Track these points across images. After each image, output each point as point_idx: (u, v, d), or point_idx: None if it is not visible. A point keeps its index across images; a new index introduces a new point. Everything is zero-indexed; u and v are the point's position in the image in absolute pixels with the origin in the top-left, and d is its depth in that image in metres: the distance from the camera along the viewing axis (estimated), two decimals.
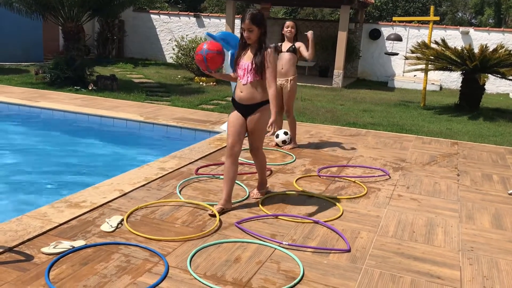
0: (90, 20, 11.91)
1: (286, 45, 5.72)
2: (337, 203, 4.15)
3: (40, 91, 9.34)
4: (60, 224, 3.40)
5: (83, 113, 7.50)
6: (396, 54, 13.88)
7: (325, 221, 3.72)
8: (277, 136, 5.95)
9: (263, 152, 4.09)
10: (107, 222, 3.45)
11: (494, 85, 14.45)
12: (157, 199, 4.00)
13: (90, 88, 9.96)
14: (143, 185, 4.30)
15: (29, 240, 3.14)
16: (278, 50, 5.63)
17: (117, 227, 3.41)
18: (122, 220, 3.52)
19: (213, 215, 3.69)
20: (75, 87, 9.93)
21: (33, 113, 7.71)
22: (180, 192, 4.18)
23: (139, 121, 7.16)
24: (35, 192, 4.73)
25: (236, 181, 4.53)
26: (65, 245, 3.06)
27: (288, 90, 5.78)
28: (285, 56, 5.70)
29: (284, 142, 5.99)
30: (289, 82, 5.76)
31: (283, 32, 5.73)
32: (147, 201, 3.93)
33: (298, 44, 5.72)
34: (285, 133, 5.98)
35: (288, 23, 5.69)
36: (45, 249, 3.00)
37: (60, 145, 6.46)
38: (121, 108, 8.02)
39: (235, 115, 3.86)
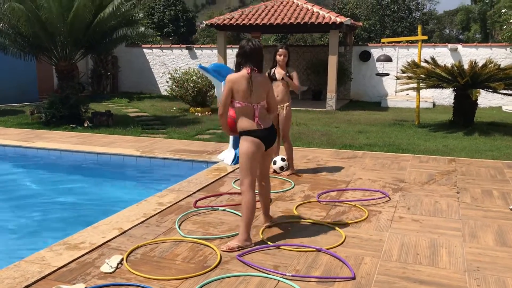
0: (83, 58, 12.03)
1: (279, 72, 5.76)
2: (339, 229, 4.11)
3: (36, 131, 9.35)
4: (59, 268, 3.35)
5: (80, 151, 7.49)
6: (387, 74, 14.03)
7: (328, 249, 3.68)
8: (275, 163, 5.94)
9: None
10: (107, 263, 3.40)
11: (486, 99, 14.56)
12: (156, 236, 3.95)
13: (86, 125, 9.98)
14: (142, 222, 4.26)
15: (27, 286, 3.08)
16: (271, 78, 5.67)
17: (117, 268, 3.36)
18: (122, 259, 3.47)
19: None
20: (71, 125, 9.95)
21: (29, 154, 7.70)
22: (179, 227, 4.14)
23: (135, 155, 7.15)
24: (33, 235, 4.67)
25: (236, 212, 4.51)
26: None
27: (284, 116, 5.82)
28: (279, 84, 5.74)
29: (281, 168, 5.97)
30: (284, 109, 5.80)
31: (276, 59, 5.78)
32: (147, 238, 3.89)
33: (292, 73, 5.78)
34: (283, 160, 5.97)
35: (281, 51, 5.70)
36: None
37: (57, 185, 6.43)
38: (117, 143, 8.01)
39: (257, 145, 3.74)
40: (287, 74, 5.75)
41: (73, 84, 11.01)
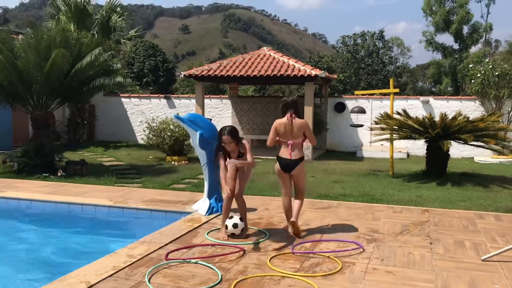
0: (59, 107, 12.00)
1: (230, 163, 5.44)
2: (312, 282, 4.06)
3: (7, 180, 9.15)
4: None
5: (50, 201, 7.33)
6: (361, 125, 14.33)
7: None
8: (226, 227, 5.42)
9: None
10: None
11: (458, 149, 14.92)
12: None
13: (59, 175, 9.82)
14: (111, 275, 4.14)
15: None
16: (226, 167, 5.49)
17: None
18: None
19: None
20: (43, 174, 9.77)
21: None
22: (149, 280, 4.02)
23: (108, 206, 7.03)
24: None
25: (209, 265, 4.43)
26: None
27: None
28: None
29: (235, 225, 5.37)
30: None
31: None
32: None
33: (244, 150, 5.49)
34: (233, 225, 5.40)
35: (224, 138, 5.31)
36: None
37: (24, 237, 6.23)
38: (90, 193, 7.88)
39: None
40: (241, 154, 5.44)
41: (48, 133, 10.92)
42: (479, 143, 10.38)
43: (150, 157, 13.43)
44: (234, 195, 5.48)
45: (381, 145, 14.73)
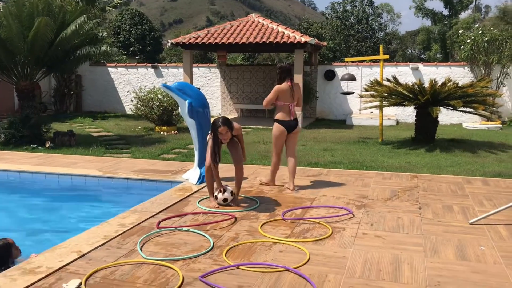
0: (45, 77, 11.79)
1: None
2: (303, 247, 4.10)
3: None
4: None
5: (40, 172, 7.27)
6: (352, 93, 14.30)
7: (294, 268, 3.66)
8: (216, 198, 5.44)
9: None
10: None
11: (447, 116, 15.00)
12: (117, 258, 3.84)
13: (47, 146, 9.72)
14: (102, 244, 4.14)
15: None
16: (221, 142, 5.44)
17: None
18: (80, 283, 3.35)
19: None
20: (31, 145, 9.67)
21: None
22: (141, 248, 4.04)
23: (98, 176, 6.99)
24: None
25: (200, 232, 4.45)
26: None
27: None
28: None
29: (225, 200, 5.37)
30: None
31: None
32: (107, 261, 3.77)
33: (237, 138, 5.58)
34: (231, 193, 5.43)
35: (220, 129, 5.18)
36: None
37: (14, 208, 6.21)
38: (79, 164, 7.83)
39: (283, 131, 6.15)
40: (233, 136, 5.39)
41: (34, 104, 10.75)
42: (468, 109, 10.43)
43: (139, 127, 13.33)
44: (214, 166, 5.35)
45: (371, 112, 14.76)
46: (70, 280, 3.42)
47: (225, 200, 5.36)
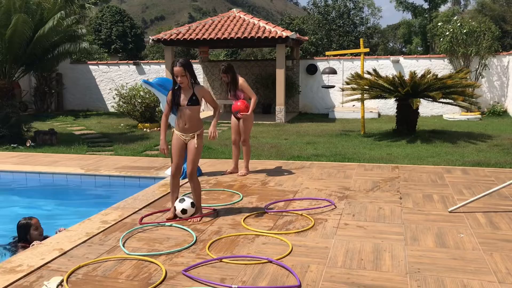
0: (24, 75, 11.62)
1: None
2: (286, 239, 4.13)
3: None
4: None
5: (20, 171, 7.18)
6: (333, 86, 14.37)
7: (277, 259, 3.68)
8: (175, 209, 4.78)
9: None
10: (46, 285, 3.25)
11: (428, 108, 15.18)
12: (99, 255, 3.83)
13: (28, 145, 9.60)
14: (84, 241, 4.12)
15: None
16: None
17: None
18: (62, 281, 3.33)
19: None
20: (11, 145, 9.54)
21: None
22: (123, 245, 4.03)
23: (79, 174, 6.94)
24: None
25: (183, 227, 4.46)
26: None
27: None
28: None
29: (183, 211, 4.71)
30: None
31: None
32: (89, 258, 3.76)
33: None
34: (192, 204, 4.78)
35: (175, 69, 4.58)
36: None
37: None
38: (61, 162, 7.75)
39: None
40: (193, 98, 4.67)
41: (14, 103, 10.59)
42: (448, 100, 10.57)
43: (122, 124, 13.23)
44: (179, 172, 4.85)
45: (353, 105, 14.86)
46: (51, 277, 3.40)
47: (183, 211, 4.69)
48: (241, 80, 6.58)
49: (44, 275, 3.47)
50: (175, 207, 4.76)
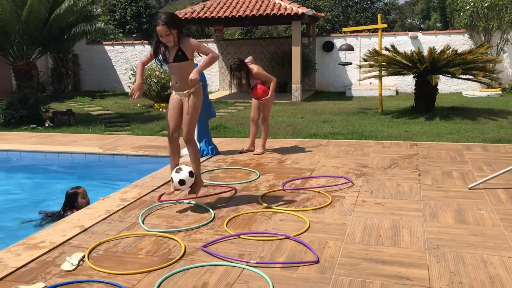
0: (41, 56, 11.72)
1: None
2: (303, 216, 4.14)
3: None
4: (18, 268, 3.25)
5: (40, 151, 7.29)
6: (350, 63, 14.20)
7: (294, 236, 3.70)
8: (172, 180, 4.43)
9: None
10: (68, 261, 3.32)
11: (447, 85, 14.93)
12: (119, 231, 3.89)
13: (46, 125, 9.73)
14: (104, 219, 4.18)
15: None
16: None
17: (78, 265, 3.28)
18: (84, 256, 3.40)
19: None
20: (31, 125, 9.68)
21: None
22: (143, 221, 4.08)
23: (98, 153, 7.02)
24: None
25: (201, 204, 4.49)
26: None
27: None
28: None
29: (181, 182, 4.33)
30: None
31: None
32: (109, 235, 3.82)
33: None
34: (190, 174, 4.39)
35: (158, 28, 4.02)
36: None
37: (17, 186, 6.24)
38: (79, 142, 7.84)
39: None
40: (179, 55, 4.20)
41: (32, 84, 10.72)
42: (468, 76, 10.37)
43: (138, 105, 13.30)
44: (174, 136, 4.57)
45: (370, 83, 14.70)
46: (73, 253, 3.47)
47: (181, 182, 4.30)
48: (255, 68, 6.36)
49: (66, 251, 3.54)
50: (172, 178, 4.33)
